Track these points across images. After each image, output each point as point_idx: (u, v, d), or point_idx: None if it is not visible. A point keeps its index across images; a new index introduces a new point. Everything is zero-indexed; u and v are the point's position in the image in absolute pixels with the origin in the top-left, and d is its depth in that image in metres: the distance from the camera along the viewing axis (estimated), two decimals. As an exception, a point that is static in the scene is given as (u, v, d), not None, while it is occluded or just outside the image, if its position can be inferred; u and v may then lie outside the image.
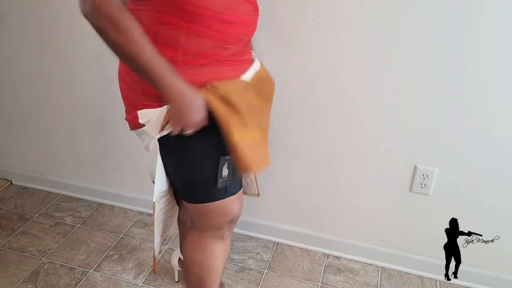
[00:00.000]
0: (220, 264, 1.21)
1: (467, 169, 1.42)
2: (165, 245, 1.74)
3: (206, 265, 1.19)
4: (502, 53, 1.24)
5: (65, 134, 1.88)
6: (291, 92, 1.48)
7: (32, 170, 2.04)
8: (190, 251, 1.20)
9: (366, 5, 1.29)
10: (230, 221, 1.15)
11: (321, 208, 1.66)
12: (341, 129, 1.49)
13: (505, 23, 1.20)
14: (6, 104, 1.91)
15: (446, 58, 1.29)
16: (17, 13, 1.68)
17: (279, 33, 1.41)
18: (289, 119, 1.53)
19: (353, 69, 1.38)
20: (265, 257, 1.71)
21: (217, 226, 1.14)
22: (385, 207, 1.58)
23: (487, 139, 1.36)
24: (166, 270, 1.62)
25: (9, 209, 1.93)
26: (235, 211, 1.13)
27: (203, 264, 1.19)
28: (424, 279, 1.63)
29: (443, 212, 1.50)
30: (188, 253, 1.21)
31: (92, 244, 1.75)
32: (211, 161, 1.03)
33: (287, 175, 1.64)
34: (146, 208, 1.89)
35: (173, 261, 1.53)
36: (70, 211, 1.93)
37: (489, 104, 1.31)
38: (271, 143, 1.59)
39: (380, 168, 1.51)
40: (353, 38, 1.34)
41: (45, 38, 1.69)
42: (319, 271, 1.65)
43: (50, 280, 1.57)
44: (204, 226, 1.15)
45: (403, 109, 1.40)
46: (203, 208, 1.10)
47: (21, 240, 1.75)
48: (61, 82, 1.76)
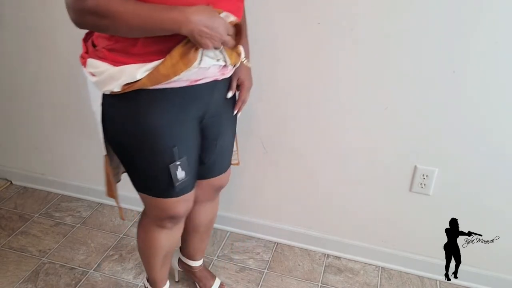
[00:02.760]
0: (160, 249, 1.25)
1: (467, 169, 1.42)
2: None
3: (148, 246, 1.25)
4: (502, 53, 1.24)
5: (65, 134, 1.88)
6: (291, 92, 1.48)
7: (32, 170, 2.04)
8: (138, 230, 1.28)
9: (366, 5, 1.29)
10: (171, 217, 1.16)
11: (321, 208, 1.66)
12: (341, 129, 1.49)
13: (505, 23, 1.20)
14: (6, 104, 1.91)
15: (446, 58, 1.29)
16: (17, 13, 1.68)
17: (279, 32, 1.41)
18: (290, 119, 1.53)
19: (353, 69, 1.38)
20: (265, 257, 1.71)
21: (157, 217, 1.17)
22: (385, 207, 1.58)
23: (487, 139, 1.36)
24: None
25: (9, 209, 1.93)
26: (176, 210, 1.14)
27: (145, 245, 1.26)
28: (424, 279, 1.63)
29: (443, 212, 1.50)
30: (137, 231, 1.29)
31: (92, 244, 1.75)
32: (158, 172, 1.05)
33: (287, 175, 1.64)
34: (146, 208, 1.88)
35: (173, 261, 1.53)
36: (70, 211, 1.93)
37: (489, 104, 1.31)
38: (271, 143, 1.59)
39: (380, 168, 1.51)
40: (353, 38, 1.34)
41: (45, 38, 1.69)
42: (319, 271, 1.65)
43: (50, 280, 1.57)
44: (147, 212, 1.21)
45: (403, 109, 1.40)
46: (143, 197, 1.14)
47: (21, 240, 1.75)
48: (61, 82, 1.76)
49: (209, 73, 0.99)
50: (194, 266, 1.49)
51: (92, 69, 0.98)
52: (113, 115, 1.01)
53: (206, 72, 0.98)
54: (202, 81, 1.00)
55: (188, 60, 0.92)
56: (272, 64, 1.46)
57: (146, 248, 1.27)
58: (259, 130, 1.58)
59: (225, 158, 1.25)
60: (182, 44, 0.91)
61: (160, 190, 1.09)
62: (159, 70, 0.92)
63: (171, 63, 0.92)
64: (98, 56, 0.97)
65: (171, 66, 0.92)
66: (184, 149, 1.06)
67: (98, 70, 0.97)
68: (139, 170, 1.08)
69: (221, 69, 1.02)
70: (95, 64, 0.98)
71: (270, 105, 1.53)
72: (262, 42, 1.41)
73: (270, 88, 1.49)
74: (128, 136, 1.03)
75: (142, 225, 1.26)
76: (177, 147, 1.03)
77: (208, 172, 1.23)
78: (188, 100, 1.02)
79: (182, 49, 0.91)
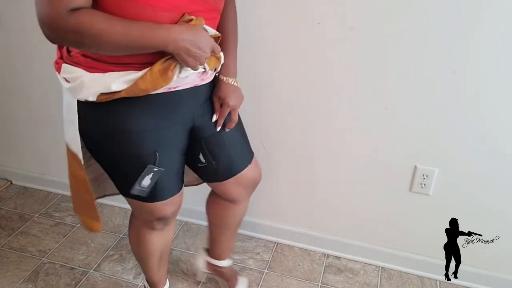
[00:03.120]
0: (154, 250, 1.25)
1: (467, 169, 1.42)
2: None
3: (142, 248, 1.25)
4: (502, 53, 1.24)
5: (65, 134, 1.88)
6: (291, 92, 1.48)
7: (32, 170, 2.04)
8: (129, 233, 1.29)
9: (366, 5, 1.29)
10: (159, 219, 1.15)
11: (321, 208, 1.66)
12: (341, 129, 1.49)
13: (505, 23, 1.20)
14: (6, 104, 1.91)
15: (446, 58, 1.29)
16: (16, 13, 1.68)
17: (279, 33, 1.41)
18: (290, 119, 1.53)
19: (353, 69, 1.38)
20: (265, 257, 1.71)
21: (145, 220, 1.17)
22: (385, 207, 1.58)
23: (487, 139, 1.36)
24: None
25: (9, 209, 1.93)
26: (163, 213, 1.14)
27: (138, 247, 1.26)
28: (424, 279, 1.63)
29: (443, 212, 1.50)
30: (128, 233, 1.30)
31: (92, 244, 1.75)
32: (133, 165, 1.03)
33: (287, 175, 1.64)
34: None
35: (198, 264, 1.52)
36: (70, 211, 1.93)
37: (489, 104, 1.31)
38: (271, 144, 1.59)
39: (380, 168, 1.51)
40: (353, 38, 1.34)
41: (44, 38, 1.69)
42: (319, 271, 1.65)
43: (50, 280, 1.57)
44: (135, 214, 1.21)
45: (403, 109, 1.40)
46: (130, 201, 1.14)
47: (21, 240, 1.75)
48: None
49: (187, 80, 0.99)
50: (223, 266, 1.48)
51: (66, 74, 0.97)
52: (91, 123, 1.00)
53: (184, 79, 0.98)
54: (180, 87, 1.00)
55: (167, 77, 0.92)
56: (271, 64, 1.46)
57: (139, 251, 1.27)
58: (259, 130, 1.58)
59: (237, 151, 1.21)
60: (163, 60, 0.91)
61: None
62: (138, 85, 0.91)
63: (151, 78, 0.91)
64: (73, 61, 0.96)
65: (150, 82, 0.91)
66: (167, 155, 1.05)
67: (72, 75, 0.95)
68: (122, 175, 1.08)
69: (200, 75, 1.02)
70: (69, 70, 0.96)
71: (270, 105, 1.53)
72: (262, 42, 1.41)
73: (270, 88, 1.49)
74: (108, 143, 1.02)
75: (132, 228, 1.26)
76: (158, 152, 1.02)
77: (229, 170, 1.20)
78: (169, 106, 1.01)
79: (162, 66, 0.91)
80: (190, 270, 1.63)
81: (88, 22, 0.80)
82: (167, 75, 0.91)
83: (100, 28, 0.81)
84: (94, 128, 1.01)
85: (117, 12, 0.84)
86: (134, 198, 1.10)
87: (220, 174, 1.19)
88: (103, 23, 0.81)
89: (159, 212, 1.13)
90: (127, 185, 1.06)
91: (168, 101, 1.00)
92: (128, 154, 1.02)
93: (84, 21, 0.80)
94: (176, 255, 1.69)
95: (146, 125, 1.00)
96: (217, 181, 1.22)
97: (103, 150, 1.04)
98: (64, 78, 0.98)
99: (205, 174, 1.22)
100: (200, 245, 1.75)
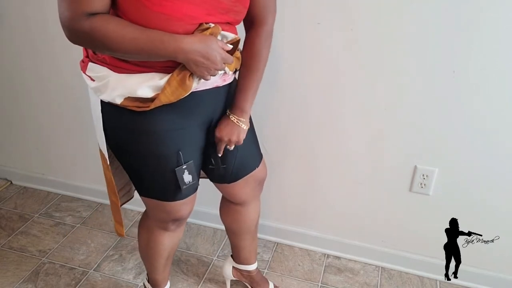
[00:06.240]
0: (163, 250, 1.25)
1: (467, 169, 1.42)
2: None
3: (151, 248, 1.25)
4: (502, 53, 1.24)
5: (65, 134, 1.88)
6: (291, 93, 1.48)
7: (32, 170, 2.04)
8: (139, 231, 1.29)
9: (366, 5, 1.29)
10: (175, 220, 1.16)
11: (321, 208, 1.66)
12: (341, 129, 1.49)
13: (505, 23, 1.20)
14: (6, 104, 1.91)
15: (446, 58, 1.29)
16: (16, 13, 1.68)
17: (278, 33, 1.40)
18: (290, 120, 1.53)
19: (353, 69, 1.38)
20: (265, 257, 1.71)
21: (161, 220, 1.17)
22: (385, 207, 1.58)
23: (487, 139, 1.36)
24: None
25: (9, 209, 1.93)
26: (181, 213, 1.14)
27: (148, 246, 1.26)
28: (424, 279, 1.63)
29: (443, 212, 1.50)
30: (138, 232, 1.29)
31: (92, 244, 1.75)
32: (164, 176, 1.05)
33: (287, 176, 1.64)
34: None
35: (225, 272, 1.50)
36: (70, 211, 1.93)
37: (489, 104, 1.31)
38: (271, 144, 1.59)
39: (380, 168, 1.51)
40: (353, 38, 1.34)
41: (44, 38, 1.69)
42: (319, 271, 1.65)
43: (50, 280, 1.57)
44: (150, 215, 1.20)
45: (403, 109, 1.40)
46: (147, 201, 1.14)
47: (21, 240, 1.75)
48: (60, 82, 1.76)
49: (209, 81, 1.00)
50: (252, 270, 1.47)
51: (92, 73, 0.98)
52: (113, 123, 1.01)
53: (206, 82, 1.00)
54: (202, 88, 1.01)
55: (186, 86, 0.94)
56: (271, 65, 1.45)
57: (149, 250, 1.27)
58: (260, 131, 1.57)
59: (248, 154, 1.21)
60: (178, 70, 0.93)
61: (166, 193, 1.09)
62: (160, 99, 0.94)
63: (170, 91, 0.94)
64: (99, 60, 0.97)
65: (171, 94, 0.94)
66: (189, 153, 1.06)
67: (98, 75, 0.97)
68: (144, 175, 1.08)
69: (222, 76, 1.04)
70: (95, 69, 0.98)
71: (270, 106, 1.53)
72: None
73: (270, 89, 1.49)
74: (131, 142, 1.03)
75: (144, 227, 1.26)
76: (181, 151, 1.03)
77: (238, 172, 1.21)
78: (191, 106, 1.02)
79: (179, 76, 0.93)
80: (190, 270, 1.63)
81: (101, 28, 0.84)
82: (186, 84, 0.94)
83: (111, 35, 0.84)
84: (116, 128, 1.02)
85: (133, 18, 0.87)
86: (154, 198, 1.10)
87: (229, 176, 1.20)
88: (115, 31, 0.84)
89: (177, 212, 1.13)
90: (148, 185, 1.08)
91: (190, 102, 1.01)
92: (151, 154, 1.03)
93: (97, 26, 0.84)
94: (176, 255, 1.69)
95: (168, 125, 1.01)
96: (226, 183, 1.22)
97: (126, 150, 1.05)
98: (90, 76, 0.99)
99: (215, 175, 1.22)
100: (200, 245, 1.75)
